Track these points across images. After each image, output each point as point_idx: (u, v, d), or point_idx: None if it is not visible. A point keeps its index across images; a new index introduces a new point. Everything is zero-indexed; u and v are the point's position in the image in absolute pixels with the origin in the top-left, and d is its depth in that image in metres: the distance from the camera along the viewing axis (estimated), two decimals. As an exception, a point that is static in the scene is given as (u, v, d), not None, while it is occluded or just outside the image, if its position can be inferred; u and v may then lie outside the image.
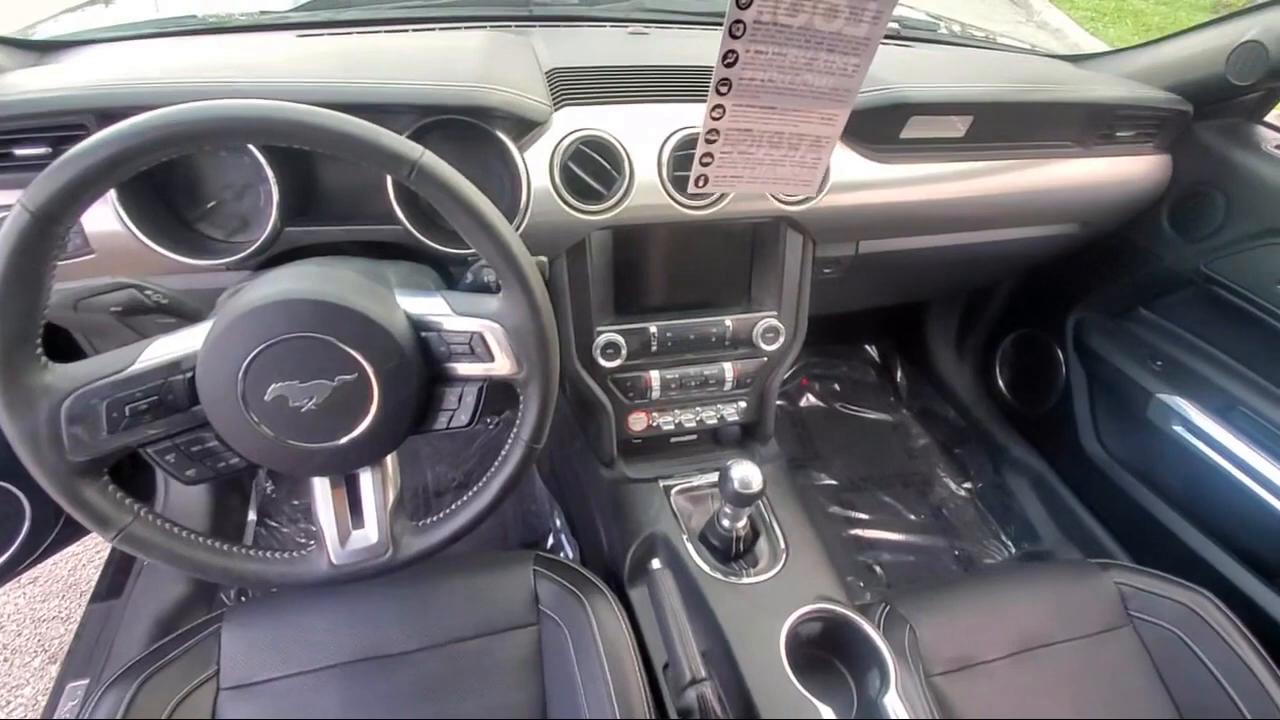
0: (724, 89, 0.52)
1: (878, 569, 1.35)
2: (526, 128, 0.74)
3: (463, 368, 0.57)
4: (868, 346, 1.83)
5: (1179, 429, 1.09)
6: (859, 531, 1.41)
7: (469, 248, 0.61)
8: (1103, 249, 1.19)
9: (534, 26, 1.02)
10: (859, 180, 0.87)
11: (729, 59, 0.50)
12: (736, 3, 0.47)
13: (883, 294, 1.34)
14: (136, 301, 0.60)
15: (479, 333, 0.56)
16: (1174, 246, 1.10)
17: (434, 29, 0.99)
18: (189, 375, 0.51)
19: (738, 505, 0.75)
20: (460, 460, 1.45)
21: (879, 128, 0.87)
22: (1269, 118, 1.08)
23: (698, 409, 0.94)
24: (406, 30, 0.98)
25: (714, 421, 0.95)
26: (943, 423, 1.63)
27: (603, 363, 0.85)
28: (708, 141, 0.55)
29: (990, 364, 1.55)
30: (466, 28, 0.99)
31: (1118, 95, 0.98)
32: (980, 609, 0.88)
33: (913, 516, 1.45)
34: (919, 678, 0.79)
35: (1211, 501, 1.08)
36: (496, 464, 0.59)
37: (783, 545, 0.82)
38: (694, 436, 0.99)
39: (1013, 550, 1.41)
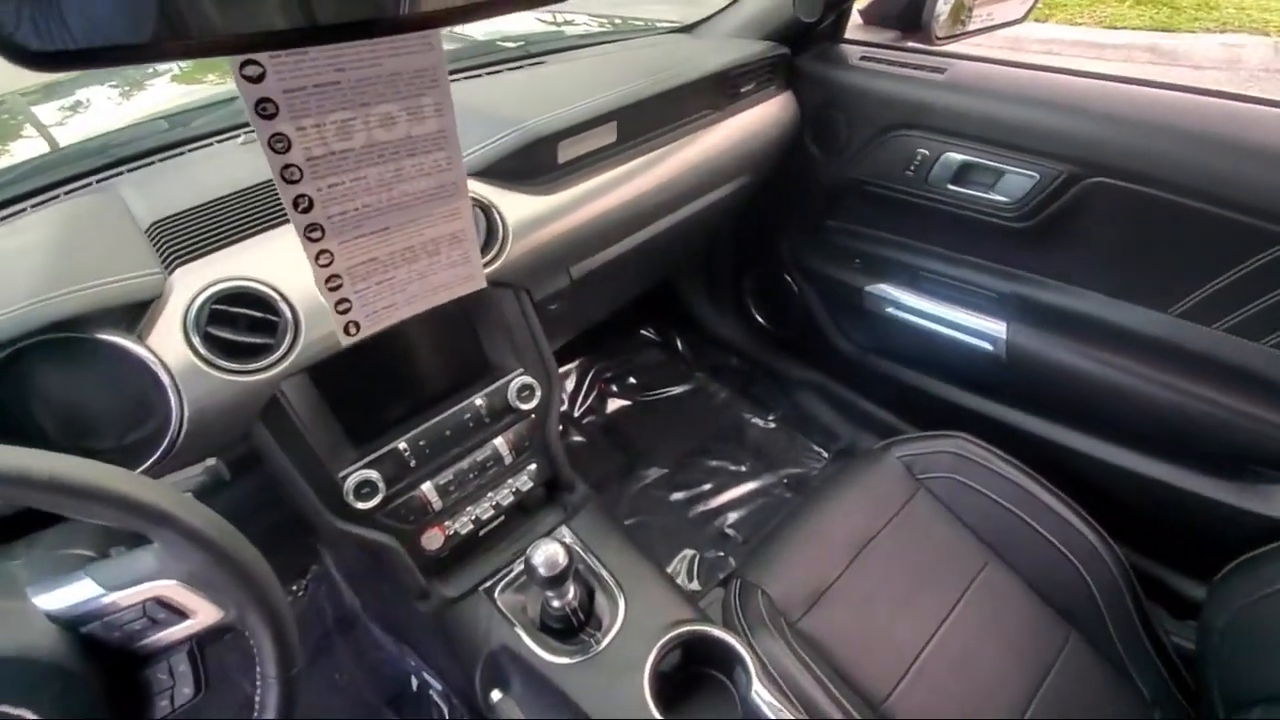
0: (316, 234, 0.46)
1: (730, 531, 1.42)
2: (137, 311, 0.62)
3: (156, 639, 0.47)
4: (644, 331, 1.90)
5: (890, 310, 1.26)
6: (702, 506, 1.47)
7: None
8: (780, 182, 1.33)
9: (122, 173, 0.86)
10: (536, 217, 0.86)
11: (300, 204, 0.44)
12: (273, 149, 0.42)
13: (619, 297, 1.39)
14: None
15: (151, 599, 0.46)
16: (825, 164, 1.26)
17: None
18: None
19: (555, 586, 0.72)
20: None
21: (533, 163, 0.87)
22: (849, 34, 1.27)
23: (489, 495, 0.89)
24: None
25: (511, 500, 0.90)
26: (731, 372, 1.76)
27: (362, 506, 0.77)
28: (332, 289, 0.49)
29: (744, 307, 1.68)
30: (33, 209, 0.80)
31: (729, 60, 1.09)
32: (809, 537, 0.95)
33: (739, 467, 1.54)
34: (783, 638, 0.83)
35: (937, 356, 1.27)
36: (256, 712, 0.50)
37: (618, 592, 0.81)
38: (501, 519, 0.94)
39: (825, 454, 1.56)
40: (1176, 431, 1.01)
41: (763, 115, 1.16)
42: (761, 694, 0.70)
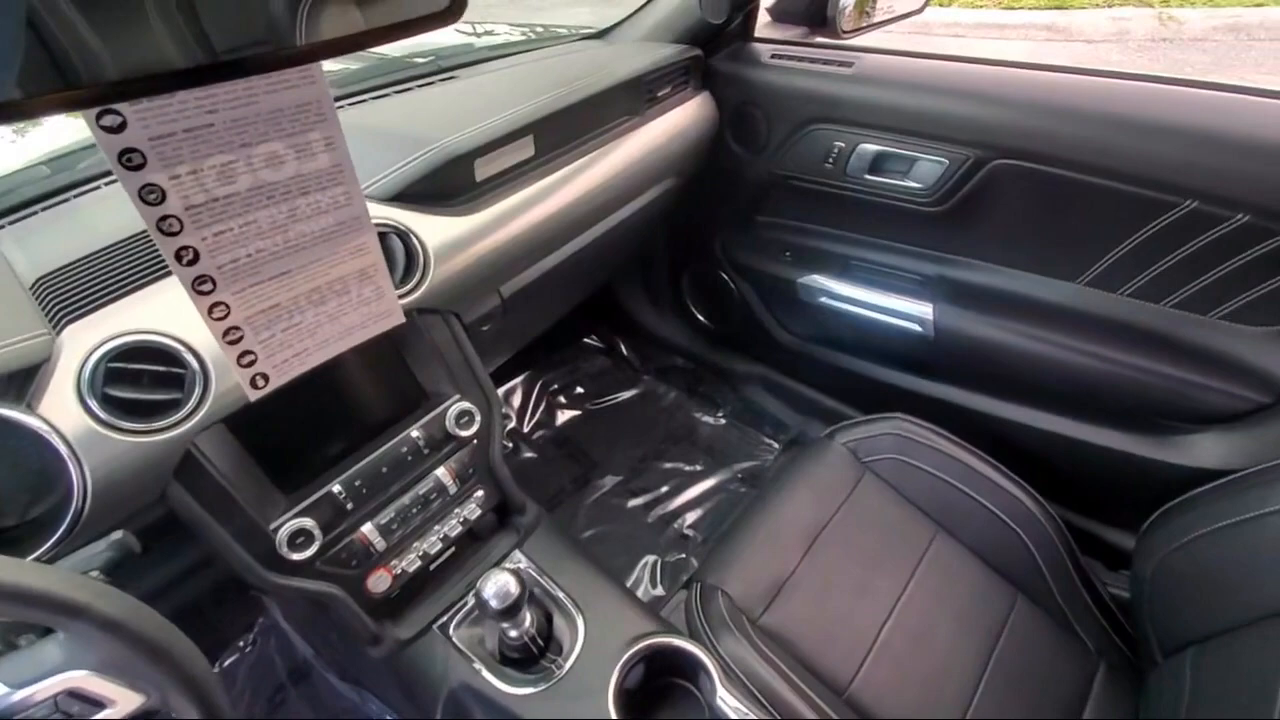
0: (206, 286, 0.43)
1: (689, 532, 1.42)
2: (25, 378, 0.58)
3: (73, 732, 0.43)
4: (587, 339, 1.89)
5: (823, 299, 1.29)
6: (660, 509, 1.47)
7: None
8: (707, 182, 1.34)
9: (1, 226, 0.80)
10: (458, 239, 0.84)
11: (184, 256, 0.42)
12: (145, 201, 0.39)
13: (558, 308, 1.37)
14: None
15: (63, 692, 0.42)
16: (748, 161, 1.28)
17: None
18: None
19: (510, 617, 0.71)
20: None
21: (450, 184, 0.84)
22: (759, 32, 1.29)
23: (436, 528, 0.86)
24: None
25: (459, 530, 0.88)
26: (677, 372, 1.76)
27: (298, 557, 0.73)
28: (232, 343, 0.46)
29: (684, 306, 1.69)
30: None
31: (642, 65, 1.08)
32: (764, 533, 0.96)
33: (693, 467, 1.55)
34: (746, 637, 0.84)
35: (871, 340, 1.31)
36: None
37: (576, 613, 0.80)
38: (451, 550, 0.91)
39: (777, 445, 1.59)
40: (1094, 393, 1.06)
41: (681, 117, 1.16)
42: (726, 699, 0.70)
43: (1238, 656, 0.68)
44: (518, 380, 1.75)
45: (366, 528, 0.79)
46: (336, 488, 0.76)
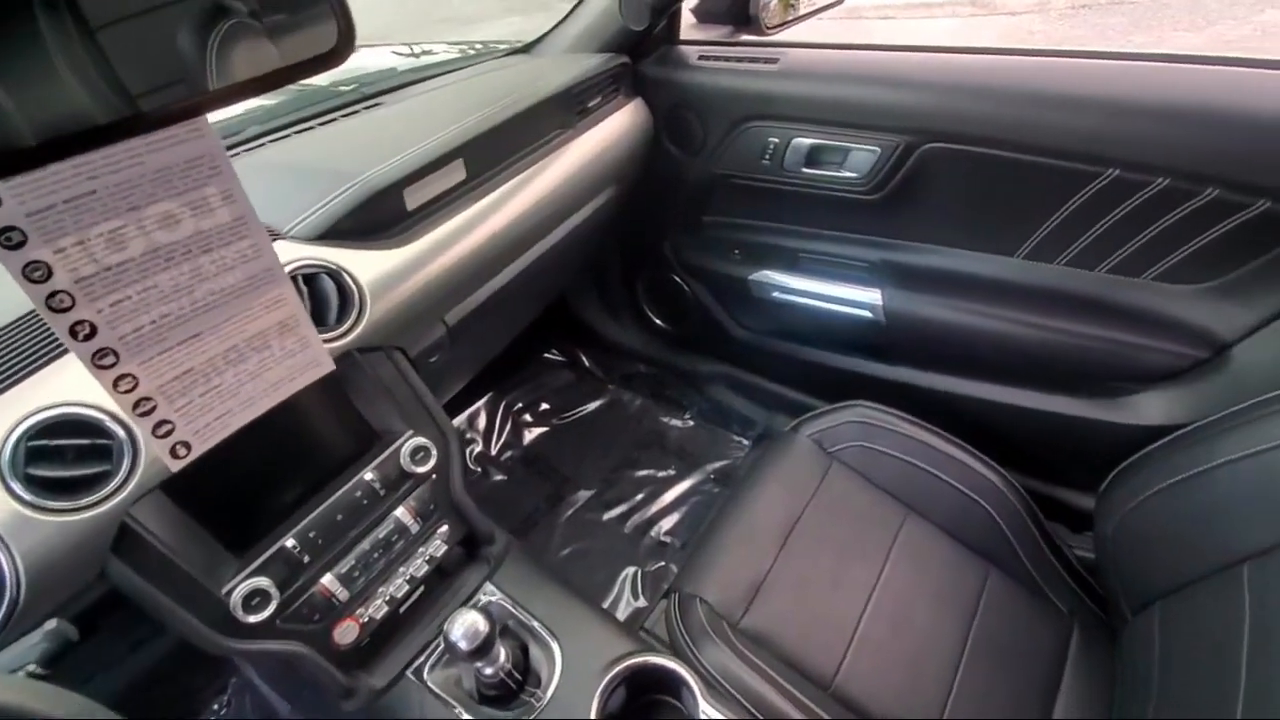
0: (108, 360, 0.41)
1: (667, 539, 1.41)
2: None
3: None
4: (548, 354, 1.87)
5: (776, 294, 1.30)
6: (636, 519, 1.46)
7: None
8: (650, 187, 1.33)
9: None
10: (393, 272, 0.82)
11: (80, 332, 0.39)
12: (30, 280, 0.37)
13: (511, 328, 1.35)
14: None
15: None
16: (688, 163, 1.28)
17: None
18: None
19: (482, 656, 0.69)
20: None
21: (379, 216, 0.82)
22: (685, 34, 1.29)
23: (401, 570, 0.84)
24: None
25: (426, 569, 0.86)
26: (641, 378, 1.75)
27: (255, 619, 0.70)
28: (144, 414, 0.44)
29: (641, 312, 1.68)
30: None
31: (570, 77, 1.07)
32: (737, 535, 0.96)
33: (665, 472, 1.54)
34: (727, 644, 0.83)
35: (826, 330, 1.32)
36: None
37: (552, 641, 0.79)
38: (420, 589, 0.89)
39: (746, 442, 1.59)
40: (1042, 362, 1.09)
41: (615, 126, 1.16)
42: (709, 711, 0.69)
43: (1201, 608, 0.70)
44: (480, 403, 1.72)
45: (327, 579, 0.76)
46: (290, 542, 0.74)
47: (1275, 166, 0.83)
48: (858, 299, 1.21)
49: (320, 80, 1.24)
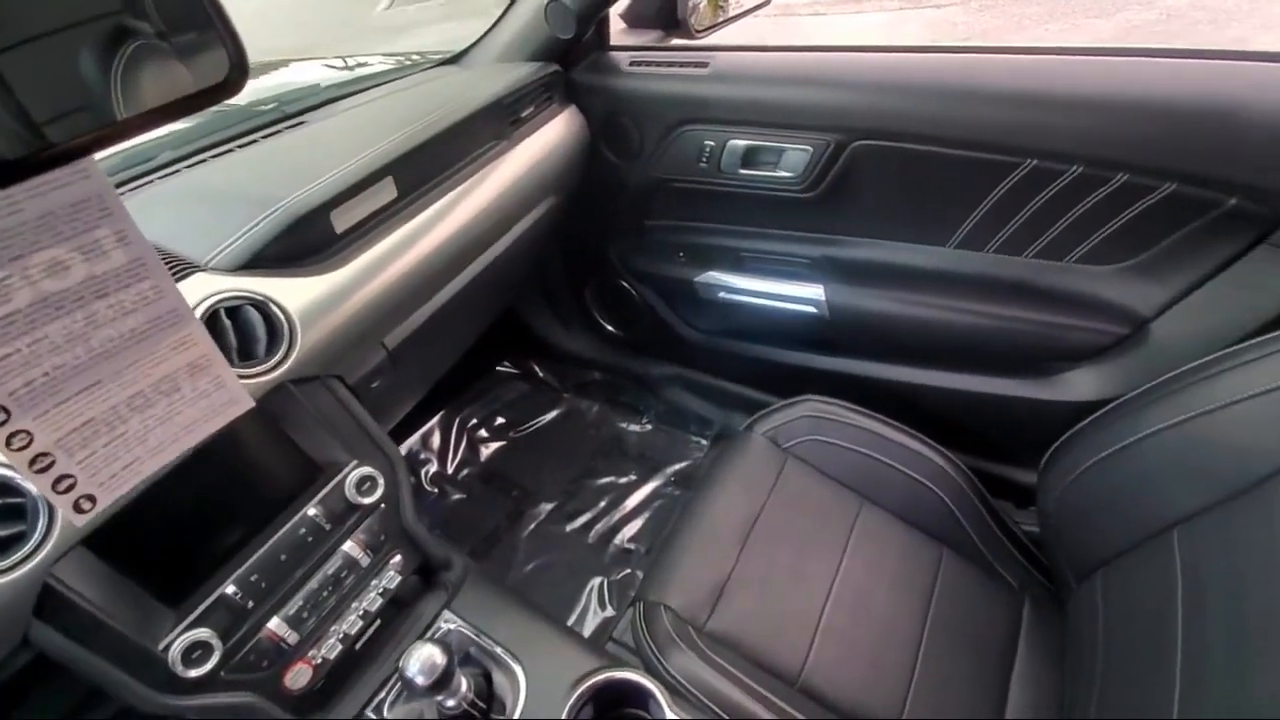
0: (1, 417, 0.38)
1: (631, 546, 1.41)
2: None
3: None
4: (501, 368, 1.84)
5: (722, 294, 1.31)
6: (599, 527, 1.45)
7: None
8: (591, 194, 1.33)
9: None
10: (324, 299, 0.79)
11: (-42, 391, 0.36)
12: (-106, 340, 0.34)
13: (458, 344, 1.32)
14: None
15: None
16: (626, 169, 1.27)
17: None
18: None
19: (442, 690, 0.67)
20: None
21: (306, 241, 0.79)
22: (615, 39, 1.28)
23: (354, 605, 0.81)
24: None
25: (380, 602, 0.83)
26: (596, 386, 1.74)
27: (197, 673, 0.66)
28: (42, 471, 0.41)
29: (592, 320, 1.67)
30: None
31: (500, 87, 1.06)
32: (698, 537, 0.96)
33: (626, 478, 1.54)
34: (693, 649, 0.83)
35: (774, 327, 1.33)
36: None
37: (515, 665, 0.77)
38: (377, 622, 0.86)
39: (704, 442, 1.60)
40: (978, 346, 1.12)
41: (550, 135, 1.14)
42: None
43: (1137, 574, 0.73)
44: (433, 421, 1.68)
45: (274, 622, 0.73)
46: (230, 588, 0.70)
47: (1178, 150, 0.87)
48: (802, 295, 1.22)
49: (238, 100, 1.18)
